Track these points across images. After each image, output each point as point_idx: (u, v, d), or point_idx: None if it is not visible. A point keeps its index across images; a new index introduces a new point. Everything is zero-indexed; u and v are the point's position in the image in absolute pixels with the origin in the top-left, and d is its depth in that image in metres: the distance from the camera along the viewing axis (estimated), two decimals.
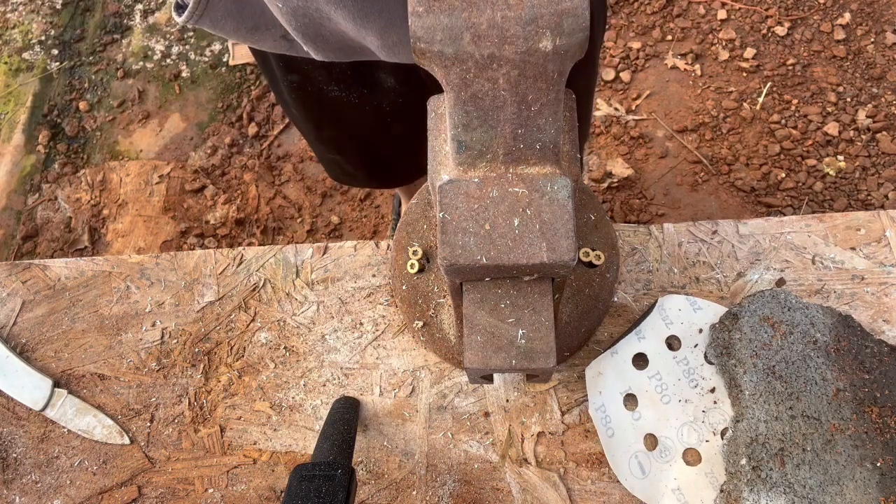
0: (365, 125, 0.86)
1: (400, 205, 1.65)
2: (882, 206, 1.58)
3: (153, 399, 0.65)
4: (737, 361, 0.56)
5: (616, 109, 1.77)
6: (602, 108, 1.77)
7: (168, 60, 2.06)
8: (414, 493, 0.59)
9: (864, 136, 1.64)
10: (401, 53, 0.61)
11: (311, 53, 0.63)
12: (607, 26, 1.69)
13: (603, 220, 0.61)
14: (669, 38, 1.84)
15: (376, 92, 0.78)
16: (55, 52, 2.12)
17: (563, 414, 0.60)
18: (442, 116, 0.45)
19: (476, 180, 0.40)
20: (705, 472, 0.55)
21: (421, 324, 0.61)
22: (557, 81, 0.36)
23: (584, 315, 0.59)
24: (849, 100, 1.69)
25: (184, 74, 2.03)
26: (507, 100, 0.37)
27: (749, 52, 1.77)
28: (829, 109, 1.69)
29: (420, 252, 0.60)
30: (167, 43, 2.08)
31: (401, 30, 0.55)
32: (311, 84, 0.77)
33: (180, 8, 0.57)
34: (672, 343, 0.60)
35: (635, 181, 1.68)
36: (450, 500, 0.58)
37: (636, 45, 1.84)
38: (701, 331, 0.59)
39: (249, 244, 1.76)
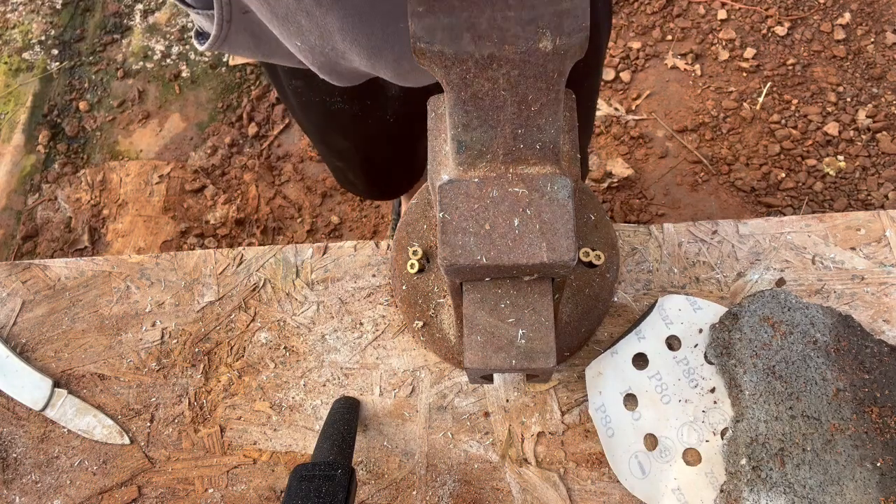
0: (367, 136, 0.87)
1: (400, 205, 1.65)
2: (882, 206, 1.57)
3: (153, 399, 0.65)
4: (737, 361, 0.56)
5: (616, 109, 1.77)
6: (602, 108, 1.77)
7: (168, 60, 2.05)
8: (414, 493, 0.59)
9: (864, 136, 1.64)
10: (413, 80, 0.64)
11: (330, 81, 0.66)
12: None
13: (603, 220, 0.61)
14: (669, 38, 1.84)
15: (380, 101, 0.79)
16: (55, 52, 2.12)
17: (563, 414, 0.60)
18: (442, 116, 0.45)
19: (476, 180, 0.40)
20: (705, 472, 0.55)
21: (421, 324, 0.61)
22: (557, 81, 0.36)
23: (584, 315, 0.59)
24: (849, 100, 1.69)
25: (184, 74, 2.03)
26: (507, 100, 0.37)
27: (749, 52, 1.77)
28: (829, 109, 1.69)
29: (420, 252, 0.60)
30: (167, 43, 2.08)
31: (412, 60, 0.56)
32: (315, 94, 0.78)
33: (200, 36, 0.59)
34: (672, 343, 0.60)
35: (635, 181, 1.68)
36: (450, 500, 0.58)
37: (636, 45, 1.84)
38: (701, 331, 0.59)
39: (249, 244, 1.76)
